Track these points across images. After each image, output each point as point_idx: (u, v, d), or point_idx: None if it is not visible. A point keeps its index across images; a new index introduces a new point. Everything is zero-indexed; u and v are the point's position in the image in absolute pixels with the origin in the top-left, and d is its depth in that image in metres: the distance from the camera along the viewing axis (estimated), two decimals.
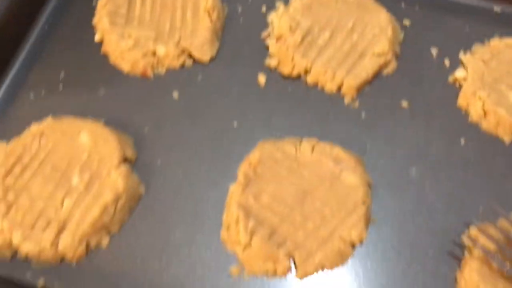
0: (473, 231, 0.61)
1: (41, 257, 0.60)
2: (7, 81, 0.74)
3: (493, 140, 0.69)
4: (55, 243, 0.60)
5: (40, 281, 0.60)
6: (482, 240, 0.59)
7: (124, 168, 0.63)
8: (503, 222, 0.60)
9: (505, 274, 0.57)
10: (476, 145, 0.69)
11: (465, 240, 0.61)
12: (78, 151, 0.65)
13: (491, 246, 0.58)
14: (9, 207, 0.61)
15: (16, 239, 0.60)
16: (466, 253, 0.60)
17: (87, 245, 0.61)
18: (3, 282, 0.61)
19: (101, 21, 0.75)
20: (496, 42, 0.74)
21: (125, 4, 0.75)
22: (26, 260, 0.61)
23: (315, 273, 0.60)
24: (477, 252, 0.59)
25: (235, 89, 0.73)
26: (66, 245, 0.60)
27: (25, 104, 0.72)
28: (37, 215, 0.61)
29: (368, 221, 0.63)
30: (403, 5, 0.80)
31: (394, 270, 0.61)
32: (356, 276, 0.61)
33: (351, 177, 0.64)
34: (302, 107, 0.72)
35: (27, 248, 0.59)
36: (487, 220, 0.61)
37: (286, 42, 0.73)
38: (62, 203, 0.62)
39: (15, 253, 0.61)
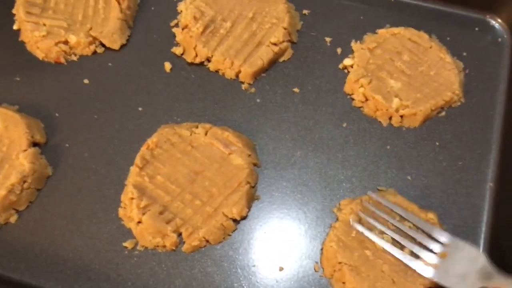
0: (343, 203, 0.68)
1: None
2: None
3: (372, 123, 0.74)
4: None
5: None
6: (349, 210, 0.66)
7: (31, 152, 0.69)
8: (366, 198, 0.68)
9: (362, 240, 0.64)
10: (356, 128, 0.73)
11: (335, 211, 0.68)
12: None
13: (355, 217, 0.66)
14: None
15: None
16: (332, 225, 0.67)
17: None
18: None
19: (18, 10, 0.78)
20: (382, 31, 0.76)
21: None
22: None
23: (200, 247, 0.66)
24: (337, 224, 0.65)
25: (143, 75, 0.77)
26: None
27: None
28: None
29: (251, 198, 0.69)
30: None
31: (274, 242, 0.67)
32: (240, 248, 0.67)
33: (238, 159, 0.69)
34: (203, 93, 0.76)
35: None
36: (356, 194, 0.68)
37: (190, 31, 0.77)
38: None
39: None
